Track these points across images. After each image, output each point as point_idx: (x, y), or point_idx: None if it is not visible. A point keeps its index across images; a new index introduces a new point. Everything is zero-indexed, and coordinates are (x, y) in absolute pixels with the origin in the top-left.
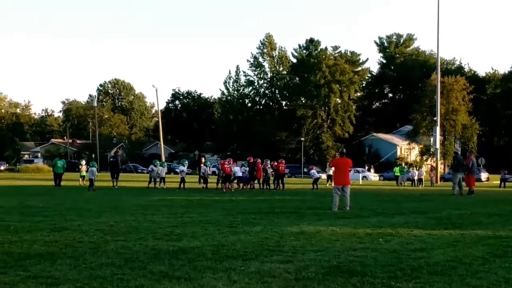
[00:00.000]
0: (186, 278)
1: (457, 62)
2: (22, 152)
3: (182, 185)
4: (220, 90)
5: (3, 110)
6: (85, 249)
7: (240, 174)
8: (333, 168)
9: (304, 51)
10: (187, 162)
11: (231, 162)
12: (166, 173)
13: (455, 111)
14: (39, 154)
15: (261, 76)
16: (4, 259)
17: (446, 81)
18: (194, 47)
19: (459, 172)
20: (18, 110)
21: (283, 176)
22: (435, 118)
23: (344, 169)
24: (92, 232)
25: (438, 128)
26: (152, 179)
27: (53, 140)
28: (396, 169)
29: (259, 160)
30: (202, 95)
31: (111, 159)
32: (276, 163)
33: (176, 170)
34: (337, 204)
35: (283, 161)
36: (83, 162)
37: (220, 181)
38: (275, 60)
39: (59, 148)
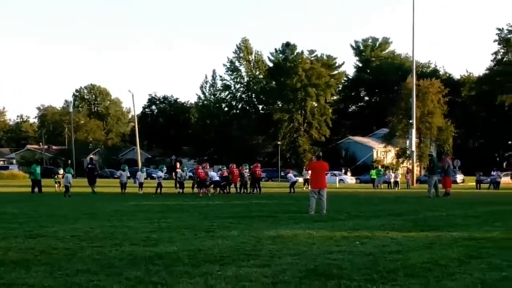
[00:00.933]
0: (163, 284)
1: (432, 65)
2: None
3: (159, 190)
4: (197, 94)
5: None
6: (61, 255)
7: (216, 178)
8: (309, 172)
9: (281, 55)
10: (165, 168)
11: (207, 167)
12: (145, 178)
13: (430, 113)
14: (14, 160)
15: (238, 80)
16: None
17: (422, 84)
18: (170, 51)
19: (434, 174)
20: None
21: (260, 180)
22: (410, 121)
23: (321, 172)
24: (68, 239)
25: (414, 131)
26: (123, 184)
27: (28, 146)
28: (373, 172)
29: (233, 165)
30: (178, 100)
31: (88, 166)
32: (252, 167)
33: (153, 175)
34: (313, 208)
35: (259, 165)
36: (61, 171)
37: (195, 185)
38: (252, 64)
39: (35, 154)
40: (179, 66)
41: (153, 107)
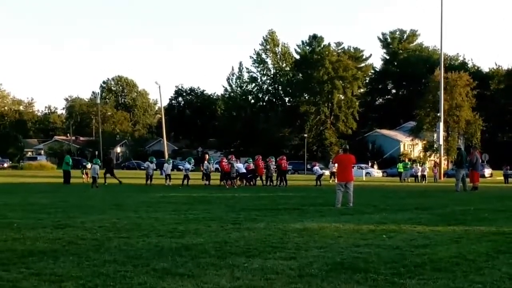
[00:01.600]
0: (189, 275)
1: (461, 58)
2: (25, 149)
3: (186, 182)
4: (223, 86)
5: (6, 108)
6: (88, 246)
7: (243, 170)
8: (336, 165)
9: (307, 47)
10: (193, 160)
11: (233, 159)
12: (171, 170)
13: (458, 107)
14: (42, 151)
15: (264, 72)
16: (7, 256)
17: (450, 77)
18: (197, 43)
19: (462, 168)
20: (21, 108)
21: (286, 172)
22: (438, 114)
23: (347, 165)
24: (95, 229)
25: (441, 124)
26: (149, 176)
27: (56, 137)
28: (400, 165)
29: (259, 157)
30: (205, 92)
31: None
32: (278, 160)
33: (180, 167)
34: (340, 201)
35: (285, 158)
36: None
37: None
38: (278, 56)
39: (62, 145)
40: (206, 58)
41: (180, 98)
